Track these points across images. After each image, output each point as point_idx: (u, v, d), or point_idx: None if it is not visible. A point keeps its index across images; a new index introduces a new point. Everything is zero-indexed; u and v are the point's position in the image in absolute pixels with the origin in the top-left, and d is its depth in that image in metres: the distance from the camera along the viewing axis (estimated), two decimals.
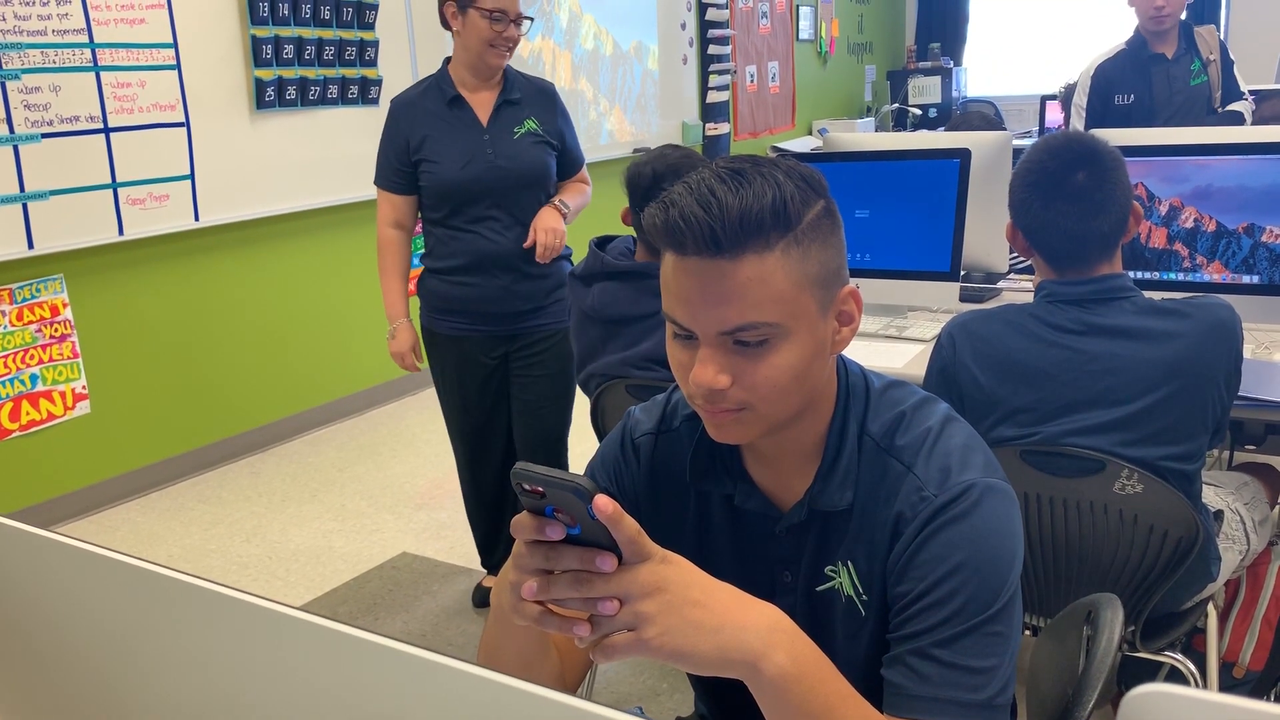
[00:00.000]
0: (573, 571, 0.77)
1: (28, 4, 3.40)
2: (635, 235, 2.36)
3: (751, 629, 0.80)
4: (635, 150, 6.25)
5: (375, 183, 2.67)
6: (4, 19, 3.35)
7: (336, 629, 0.48)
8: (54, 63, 3.49)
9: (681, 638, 0.78)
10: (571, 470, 0.75)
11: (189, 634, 0.52)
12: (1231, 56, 3.97)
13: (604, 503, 0.74)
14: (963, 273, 2.79)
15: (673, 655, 0.78)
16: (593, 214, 6.55)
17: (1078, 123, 3.90)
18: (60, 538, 0.56)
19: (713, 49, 6.89)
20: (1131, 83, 3.84)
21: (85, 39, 3.56)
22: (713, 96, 6.95)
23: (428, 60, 4.79)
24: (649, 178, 2.25)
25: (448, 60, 2.65)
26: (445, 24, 2.58)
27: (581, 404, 2.44)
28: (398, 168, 2.63)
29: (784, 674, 0.80)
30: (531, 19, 2.64)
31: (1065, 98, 4.12)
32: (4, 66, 3.36)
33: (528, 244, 2.61)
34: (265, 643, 0.50)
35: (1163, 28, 3.80)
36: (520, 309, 2.70)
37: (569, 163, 2.80)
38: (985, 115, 3.45)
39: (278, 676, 0.51)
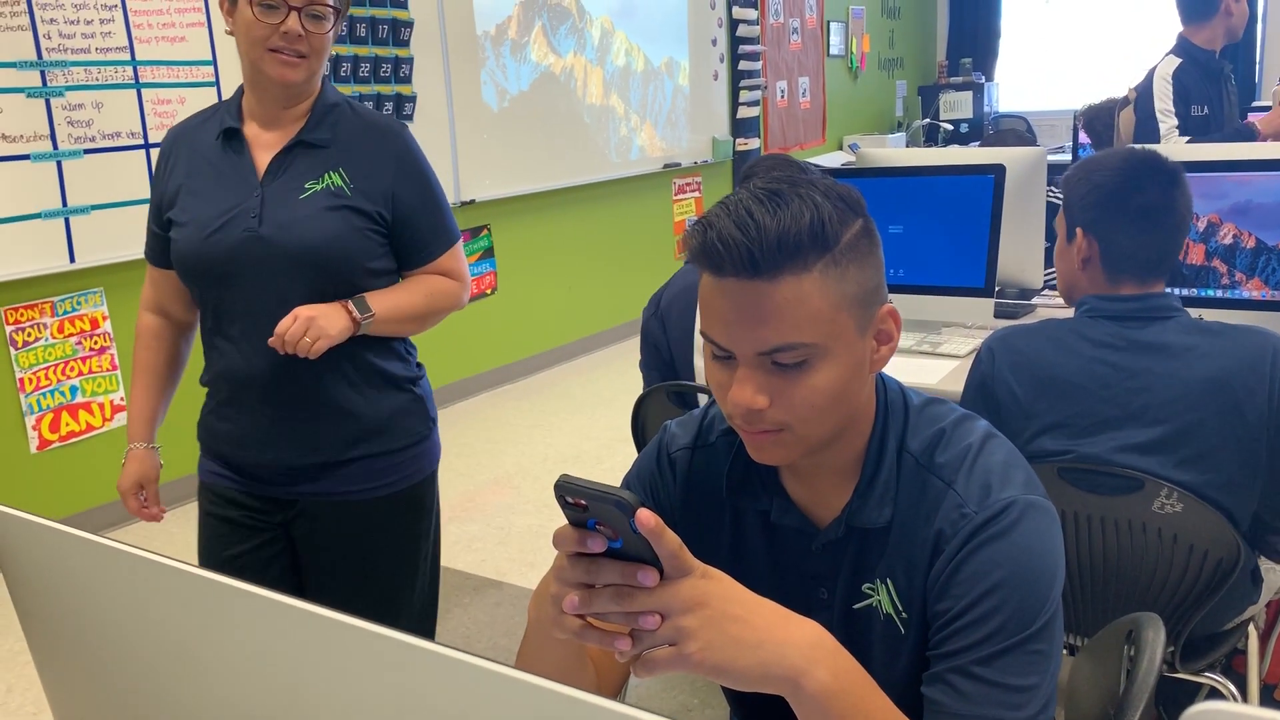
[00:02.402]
0: (614, 585, 0.78)
1: (72, 23, 3.47)
2: None
3: (793, 645, 0.80)
4: (665, 166, 6.28)
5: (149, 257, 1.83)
6: (49, 37, 3.42)
7: (396, 637, 0.48)
8: (97, 80, 3.55)
9: (723, 653, 0.78)
10: (607, 482, 0.76)
11: (243, 639, 0.53)
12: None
13: (646, 516, 0.74)
14: (997, 288, 2.78)
15: (714, 670, 0.78)
16: (638, 233, 6.59)
17: (1168, 130, 3.76)
18: (115, 544, 0.57)
19: (743, 65, 6.91)
20: (1206, 93, 3.78)
21: (127, 56, 3.63)
22: (743, 112, 6.96)
23: (462, 77, 4.84)
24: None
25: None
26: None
27: (621, 414, 2.44)
28: (154, 228, 1.78)
29: (826, 690, 0.80)
30: (337, 9, 1.64)
31: (1092, 114, 4.06)
32: (48, 84, 3.43)
33: (270, 341, 1.61)
34: (318, 649, 0.51)
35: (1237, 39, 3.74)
36: (294, 462, 1.72)
37: (413, 245, 1.74)
38: (1019, 131, 3.44)
39: (333, 683, 0.52)
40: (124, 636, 0.59)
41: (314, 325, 1.59)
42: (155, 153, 3.59)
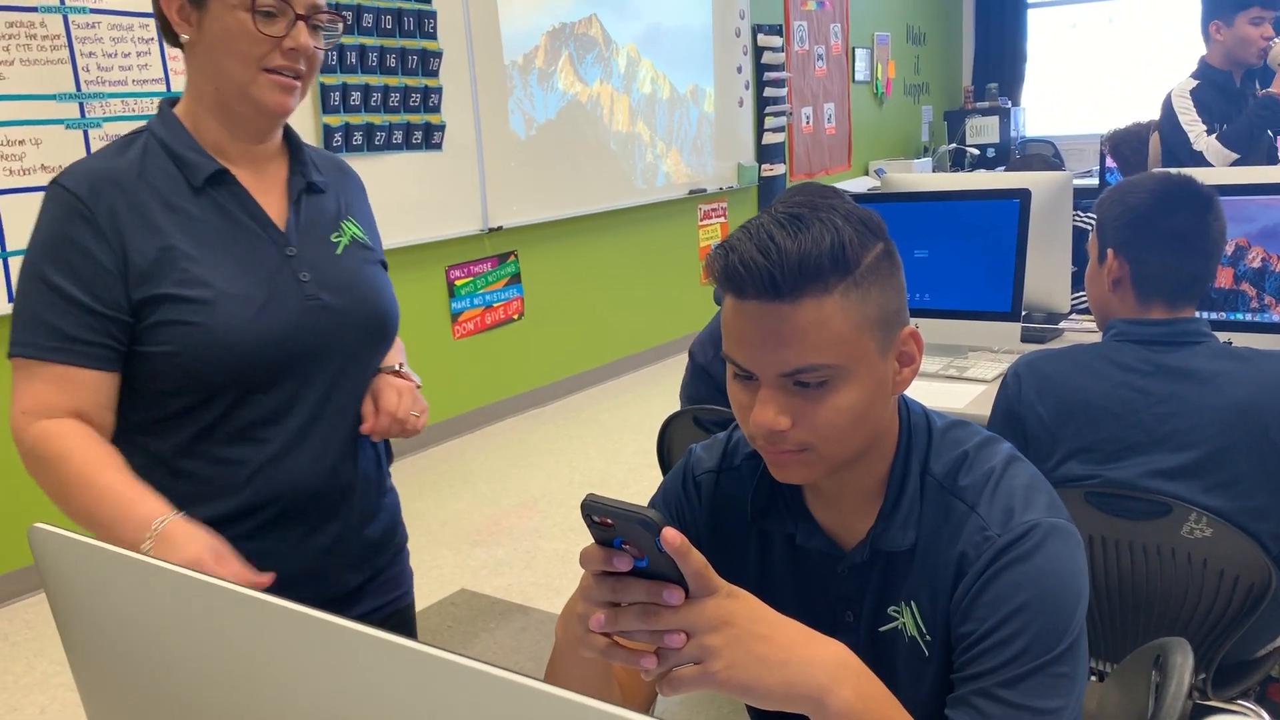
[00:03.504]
0: (640, 604, 0.79)
1: (110, 55, 3.56)
2: None
3: (818, 664, 0.80)
4: (691, 192, 6.31)
5: (13, 352, 1.25)
6: (87, 70, 3.50)
7: (443, 656, 0.49)
8: (134, 111, 3.63)
9: (748, 671, 0.79)
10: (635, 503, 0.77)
11: (286, 655, 0.54)
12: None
13: (672, 535, 0.75)
14: (1024, 312, 2.77)
15: (739, 689, 0.79)
16: (664, 259, 6.62)
17: (1197, 135, 3.76)
18: (159, 563, 0.58)
19: (769, 91, 6.94)
20: (1226, 112, 3.78)
21: (163, 88, 3.71)
22: (768, 138, 6.99)
23: (491, 106, 4.90)
24: None
25: (168, 103, 1.34)
26: (168, 33, 1.31)
27: (648, 438, 2.41)
28: (87, 315, 1.23)
29: (850, 709, 0.80)
30: (343, 17, 1.37)
31: (1119, 139, 4.06)
32: (87, 115, 3.51)
33: (369, 427, 1.36)
34: (362, 667, 0.52)
35: (1263, 60, 3.74)
36: (349, 584, 1.42)
37: None
38: (1044, 156, 3.44)
39: (377, 701, 0.52)
40: (166, 653, 0.60)
41: (416, 396, 1.39)
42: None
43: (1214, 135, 3.69)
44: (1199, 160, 3.67)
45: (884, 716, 0.82)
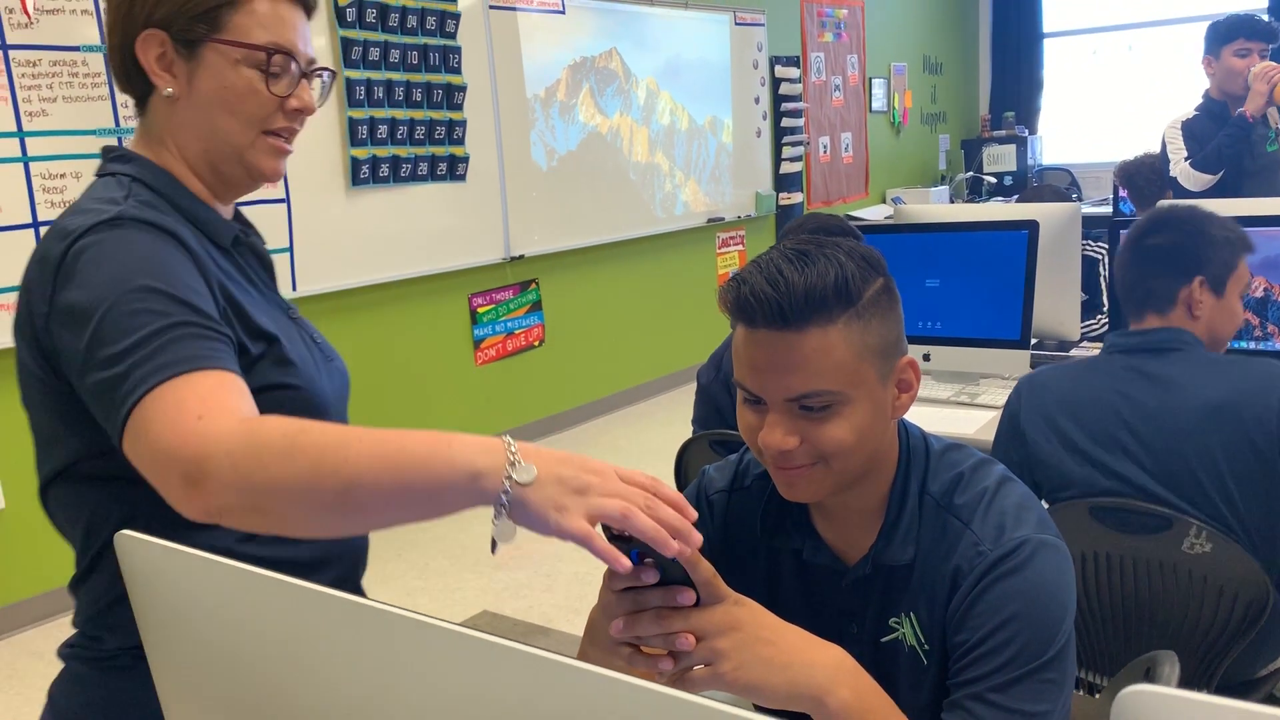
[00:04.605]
0: (655, 609, 0.86)
1: None
2: None
3: (818, 666, 0.88)
4: (709, 221, 6.39)
5: (139, 392, 0.94)
6: (125, 105, 3.62)
7: (523, 650, 0.51)
8: None
9: (754, 672, 0.86)
10: None
11: (367, 654, 0.57)
12: None
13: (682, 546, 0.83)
14: (1034, 340, 2.83)
15: (745, 689, 0.86)
16: (682, 287, 6.69)
17: (1176, 163, 3.87)
18: (245, 567, 0.61)
19: (786, 121, 7.04)
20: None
21: None
22: (786, 167, 7.08)
23: (513, 137, 5.01)
24: None
25: (124, 158, 1.14)
26: (129, 79, 1.13)
27: (666, 463, 2.47)
28: (233, 336, 1.06)
29: (847, 708, 0.87)
30: (331, 70, 1.21)
31: (1130, 170, 4.14)
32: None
33: None
34: (447, 663, 0.54)
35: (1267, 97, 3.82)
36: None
37: None
38: (1055, 187, 3.51)
39: (463, 697, 0.54)
40: (249, 656, 0.62)
41: None
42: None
43: (1188, 161, 3.81)
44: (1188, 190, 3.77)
45: (880, 715, 0.89)
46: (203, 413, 0.91)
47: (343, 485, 0.86)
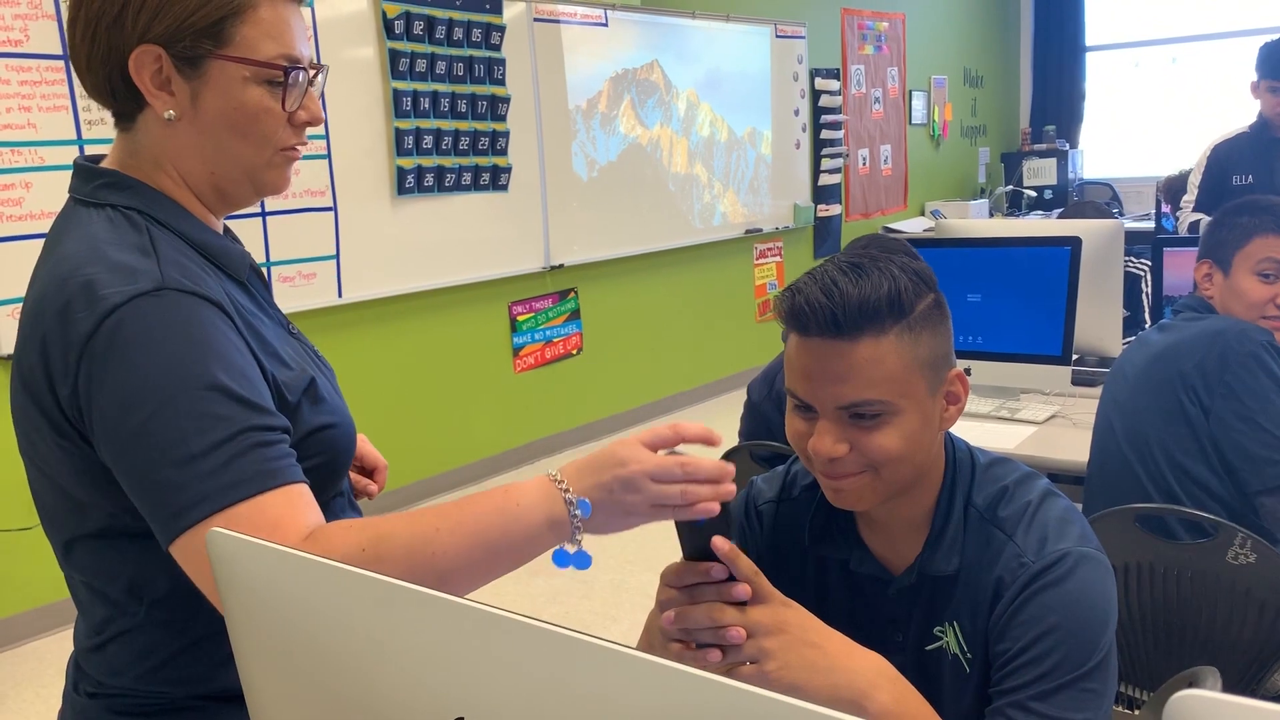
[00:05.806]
0: (708, 603, 0.91)
1: None
2: None
3: (860, 670, 0.91)
4: (747, 231, 6.42)
5: (264, 483, 0.92)
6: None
7: (608, 647, 0.54)
8: None
9: (797, 673, 0.90)
10: None
11: (457, 651, 0.58)
12: None
13: (720, 542, 0.89)
14: (1077, 356, 2.83)
15: (789, 688, 0.89)
16: (720, 297, 6.71)
17: (1186, 202, 3.95)
18: (332, 563, 0.63)
19: (825, 133, 7.05)
20: (1250, 164, 3.86)
21: None
22: (825, 179, 7.10)
23: (555, 148, 5.07)
24: None
25: (118, 184, 1.04)
26: (116, 99, 1.05)
27: None
28: (287, 437, 0.99)
29: (887, 712, 0.90)
30: (326, 65, 1.13)
31: (1174, 185, 4.16)
32: None
33: (382, 480, 1.40)
34: (540, 662, 0.55)
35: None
36: None
37: None
38: (1097, 204, 3.50)
39: (556, 695, 0.55)
40: (336, 651, 0.62)
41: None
42: (273, 220, 3.86)
43: (1195, 213, 3.89)
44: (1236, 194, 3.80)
45: (918, 719, 0.92)
46: (300, 527, 0.91)
47: (438, 577, 0.90)
